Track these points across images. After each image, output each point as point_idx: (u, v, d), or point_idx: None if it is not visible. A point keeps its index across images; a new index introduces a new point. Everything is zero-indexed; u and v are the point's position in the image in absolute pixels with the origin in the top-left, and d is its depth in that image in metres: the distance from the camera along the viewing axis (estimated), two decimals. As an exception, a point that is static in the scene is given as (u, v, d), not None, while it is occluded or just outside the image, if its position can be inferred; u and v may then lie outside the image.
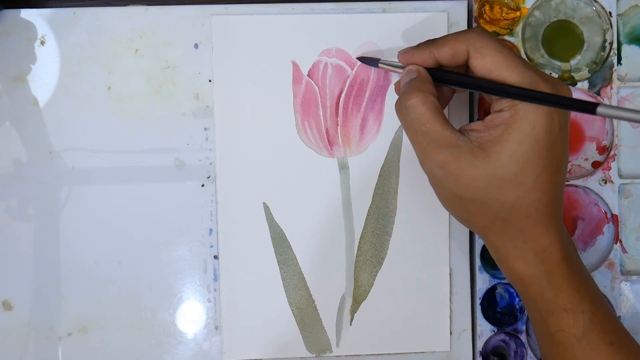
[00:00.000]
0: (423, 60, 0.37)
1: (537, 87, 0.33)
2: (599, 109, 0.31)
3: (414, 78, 0.36)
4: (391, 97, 0.43)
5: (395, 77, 0.43)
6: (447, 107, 0.42)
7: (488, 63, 0.34)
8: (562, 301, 0.35)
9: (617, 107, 0.31)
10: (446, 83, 0.37)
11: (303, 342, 0.44)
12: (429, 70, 0.37)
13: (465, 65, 0.36)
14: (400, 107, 0.36)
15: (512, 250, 0.35)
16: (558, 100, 0.33)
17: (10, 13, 0.42)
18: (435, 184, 0.36)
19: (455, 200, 0.35)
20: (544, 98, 0.33)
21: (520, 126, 0.33)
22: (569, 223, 0.45)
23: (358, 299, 0.44)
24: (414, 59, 0.37)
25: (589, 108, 0.32)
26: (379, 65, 0.40)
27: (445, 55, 0.36)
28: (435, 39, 0.37)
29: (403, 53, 0.38)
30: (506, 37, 0.43)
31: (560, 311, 0.35)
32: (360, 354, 0.44)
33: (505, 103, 0.34)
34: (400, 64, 0.38)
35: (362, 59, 0.42)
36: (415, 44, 0.38)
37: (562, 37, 0.44)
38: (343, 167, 0.43)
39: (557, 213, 0.35)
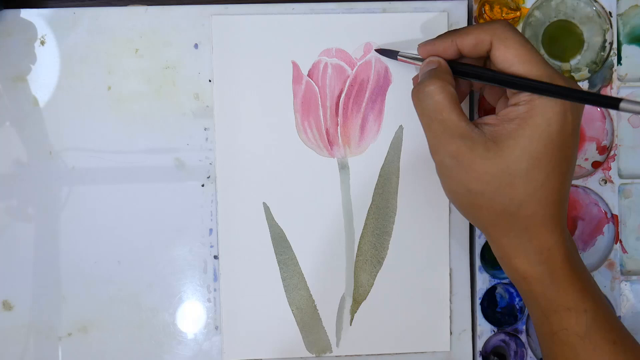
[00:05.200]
0: (444, 49, 0.37)
1: (556, 83, 0.33)
2: (623, 104, 0.31)
3: (434, 68, 0.36)
4: (391, 97, 0.43)
5: (395, 78, 0.43)
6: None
7: (510, 55, 0.34)
8: (565, 300, 0.35)
9: None
10: (465, 75, 0.37)
11: (303, 342, 0.44)
12: (448, 63, 0.37)
13: (484, 58, 0.36)
14: (417, 94, 0.35)
15: (515, 248, 0.35)
16: (581, 95, 0.33)
17: (10, 13, 0.42)
18: (445, 174, 0.36)
19: (464, 193, 0.35)
20: (566, 93, 0.33)
21: (536, 122, 0.33)
22: (569, 223, 0.45)
23: (358, 299, 0.44)
24: (435, 50, 0.37)
25: (612, 103, 0.32)
26: (398, 57, 0.40)
27: (468, 44, 0.36)
28: (458, 28, 0.37)
29: (423, 45, 0.38)
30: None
31: (563, 310, 0.35)
32: (360, 354, 0.44)
33: (522, 97, 0.34)
34: (419, 56, 0.38)
35: (380, 51, 0.42)
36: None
37: (562, 37, 0.44)
38: (343, 167, 0.43)
39: (563, 213, 0.35)
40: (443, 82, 0.35)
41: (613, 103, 0.32)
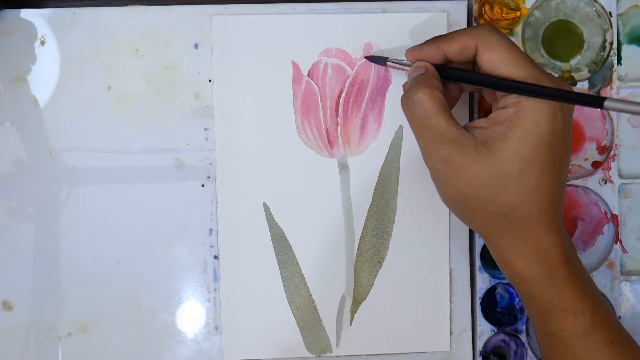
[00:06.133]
0: (431, 55, 0.37)
1: (543, 84, 0.33)
2: (606, 103, 0.32)
3: (421, 74, 0.36)
4: (391, 97, 0.43)
5: (395, 78, 0.43)
6: (447, 107, 0.42)
7: (496, 59, 0.34)
8: (563, 301, 0.35)
9: (624, 101, 0.31)
10: (453, 79, 0.37)
11: (303, 342, 0.44)
12: (436, 67, 0.37)
13: (472, 62, 0.36)
14: (406, 101, 0.36)
15: (513, 250, 0.35)
16: (566, 95, 0.33)
17: (10, 13, 0.42)
18: (438, 180, 0.36)
19: (458, 197, 0.35)
20: (552, 93, 0.33)
21: (525, 123, 0.33)
22: (569, 223, 0.45)
23: (358, 299, 0.44)
24: (422, 55, 0.37)
25: (596, 102, 0.32)
26: (387, 63, 0.40)
27: (454, 49, 0.36)
28: (444, 34, 0.37)
29: (411, 50, 0.38)
30: (506, 37, 0.43)
31: (561, 311, 0.35)
32: (360, 354, 0.44)
33: (510, 100, 0.34)
34: (408, 62, 0.38)
35: (370, 58, 0.42)
36: (417, 43, 0.38)
37: (562, 37, 0.44)
38: (343, 167, 0.43)
39: (559, 213, 0.35)
40: (430, 89, 0.35)
41: (597, 102, 0.32)
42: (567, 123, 0.34)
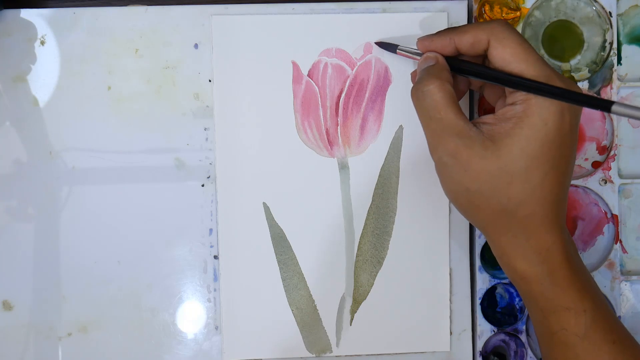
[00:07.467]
0: (442, 46, 0.37)
1: (553, 83, 0.33)
2: (614, 107, 0.32)
3: (432, 65, 0.36)
4: (391, 97, 0.43)
5: (396, 77, 0.43)
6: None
7: (507, 54, 0.34)
8: (564, 300, 0.35)
9: (632, 106, 0.31)
10: (463, 73, 0.37)
11: (303, 342, 0.44)
12: (446, 59, 0.37)
13: (482, 57, 0.36)
14: (416, 93, 0.36)
15: (514, 248, 0.35)
16: (574, 97, 0.33)
17: (10, 13, 0.42)
18: (443, 173, 0.36)
19: (462, 191, 0.35)
20: (561, 93, 0.33)
21: (532, 121, 0.33)
22: (569, 223, 0.45)
23: (358, 299, 0.44)
24: (433, 46, 0.37)
25: (604, 105, 0.32)
26: (397, 51, 0.40)
27: (466, 42, 0.36)
28: (457, 26, 0.37)
29: (422, 40, 0.38)
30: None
31: (562, 310, 0.35)
32: (360, 354, 0.44)
33: (518, 96, 0.34)
34: (418, 51, 0.38)
35: (380, 44, 0.42)
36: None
37: (562, 37, 0.44)
38: (343, 167, 0.43)
39: (562, 213, 0.35)
40: (441, 81, 0.35)
41: (605, 106, 0.32)
42: (575, 123, 0.34)
